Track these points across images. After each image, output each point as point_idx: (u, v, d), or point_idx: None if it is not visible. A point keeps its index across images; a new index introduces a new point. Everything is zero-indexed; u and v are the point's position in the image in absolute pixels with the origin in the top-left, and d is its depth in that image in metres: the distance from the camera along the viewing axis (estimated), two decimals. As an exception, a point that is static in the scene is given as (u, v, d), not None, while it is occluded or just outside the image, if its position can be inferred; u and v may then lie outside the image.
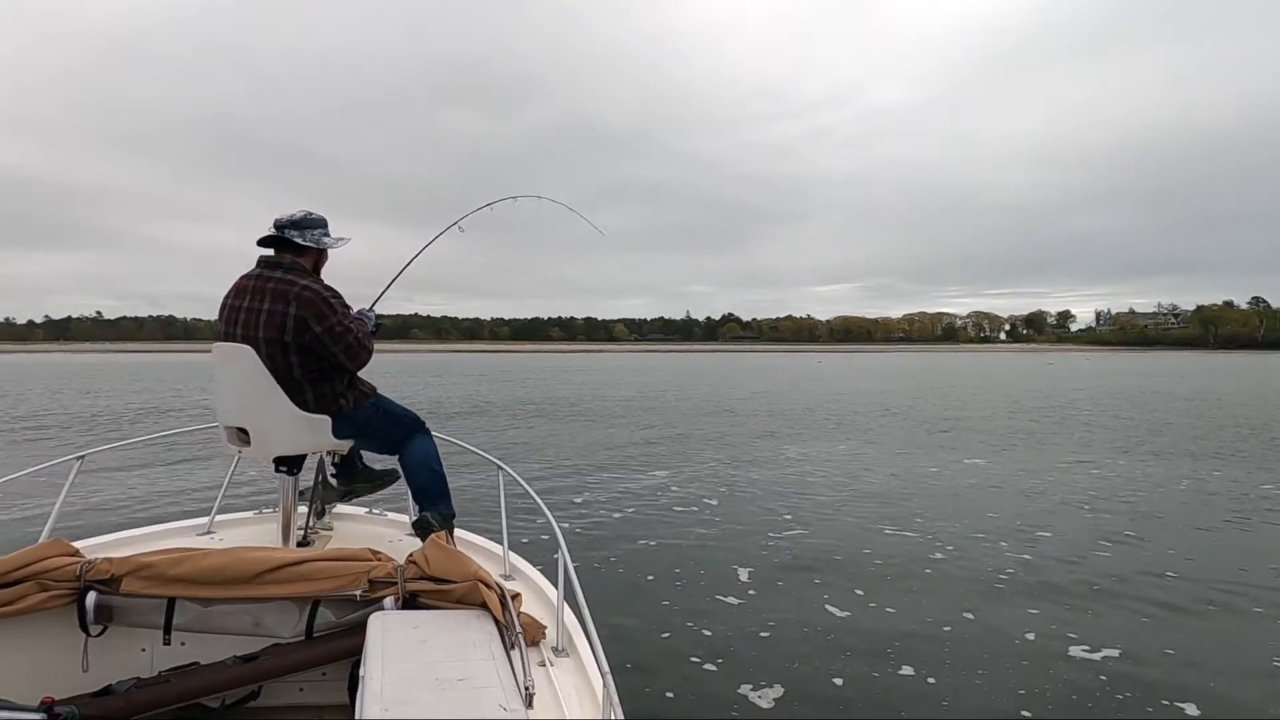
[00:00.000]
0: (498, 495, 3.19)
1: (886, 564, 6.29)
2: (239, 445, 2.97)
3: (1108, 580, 5.81)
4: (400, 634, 1.95)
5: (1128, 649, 4.52)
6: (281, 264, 2.95)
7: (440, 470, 3.15)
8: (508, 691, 1.68)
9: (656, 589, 5.65)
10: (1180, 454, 12.69)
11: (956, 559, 6.44)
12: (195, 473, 11.08)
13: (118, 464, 11.36)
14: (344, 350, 2.92)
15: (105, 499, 9.22)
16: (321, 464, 3.39)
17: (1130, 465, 11.52)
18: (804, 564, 6.29)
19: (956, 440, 14.39)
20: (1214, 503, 8.81)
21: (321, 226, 3.06)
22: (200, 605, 2.24)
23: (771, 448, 13.41)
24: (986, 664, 4.35)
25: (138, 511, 8.50)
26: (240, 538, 3.13)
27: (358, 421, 3.04)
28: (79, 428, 16.66)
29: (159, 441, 13.29)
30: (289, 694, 2.42)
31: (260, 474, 3.37)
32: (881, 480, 10.21)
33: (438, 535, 2.48)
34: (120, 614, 2.24)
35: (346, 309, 3.00)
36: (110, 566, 2.22)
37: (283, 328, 2.84)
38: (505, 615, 2.11)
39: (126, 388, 30.94)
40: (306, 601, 2.26)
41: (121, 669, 2.22)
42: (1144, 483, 10.08)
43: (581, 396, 26.75)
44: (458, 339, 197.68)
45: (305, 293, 2.85)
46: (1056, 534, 7.28)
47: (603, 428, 16.90)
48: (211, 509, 3.37)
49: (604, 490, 9.59)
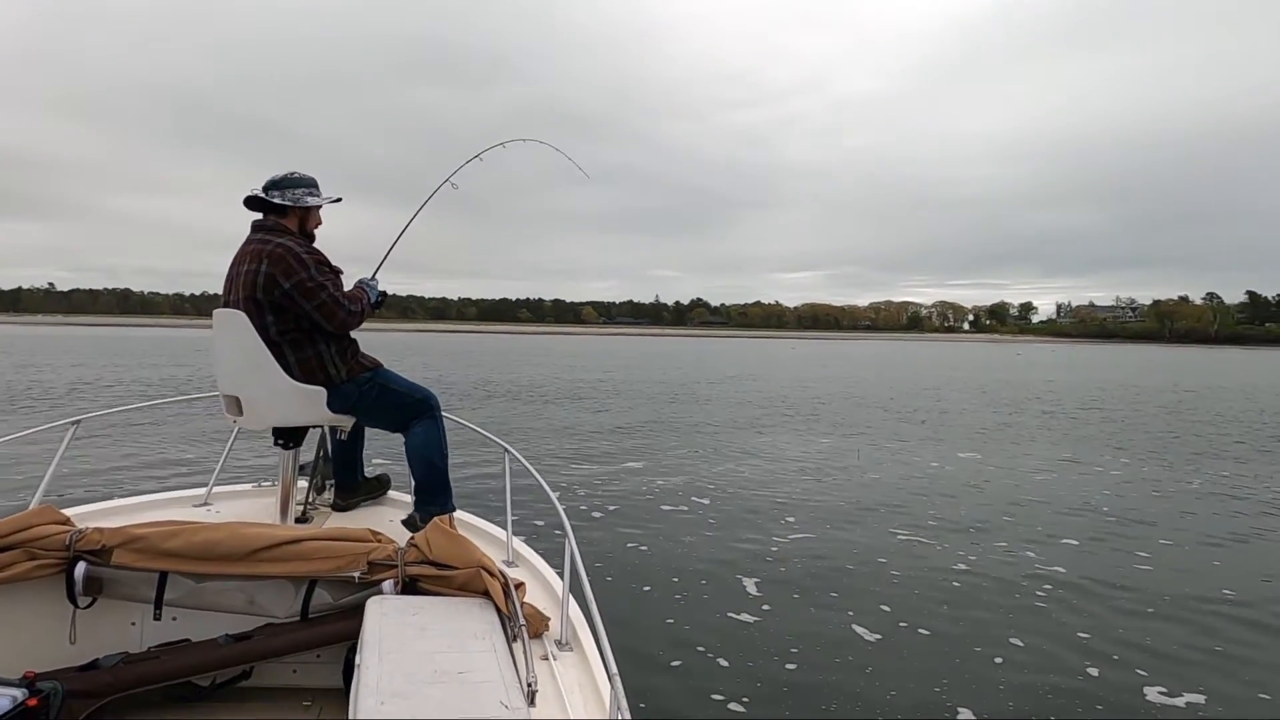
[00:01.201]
0: (502, 478, 3.04)
1: (894, 561, 6.16)
2: (234, 415, 2.90)
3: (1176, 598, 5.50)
4: (399, 620, 1.88)
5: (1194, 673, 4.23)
6: (264, 225, 2.94)
7: (441, 464, 3.00)
8: (509, 687, 1.61)
9: (659, 582, 5.48)
10: (1169, 452, 12.61)
11: (955, 553, 6.38)
12: (194, 442, 10.78)
13: (114, 431, 11.11)
14: (317, 308, 2.84)
15: (100, 467, 8.91)
16: (323, 439, 3.32)
17: (1130, 463, 11.40)
18: (811, 558, 6.14)
19: (945, 433, 14.22)
20: (1230, 505, 8.60)
21: (305, 185, 2.99)
22: (193, 581, 2.17)
23: (772, 438, 13.15)
24: (990, 662, 4.27)
25: (133, 481, 8.22)
26: (237, 511, 3.04)
27: (352, 395, 2.94)
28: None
29: (158, 409, 13.14)
30: (282, 675, 2.35)
31: (264, 446, 3.33)
32: (892, 477, 9.94)
33: (440, 518, 2.36)
34: (110, 586, 2.18)
35: (326, 269, 2.92)
36: (101, 537, 2.16)
37: (254, 284, 2.80)
38: (508, 605, 2.04)
39: (58, 362, 29.25)
40: (303, 581, 2.19)
41: (110, 643, 2.18)
42: (1154, 481, 9.91)
43: (565, 379, 26.27)
44: (424, 318, 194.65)
45: (277, 250, 2.82)
46: (1077, 539, 7.01)
47: (593, 412, 16.56)
48: (209, 480, 3.29)
49: (605, 477, 9.32)
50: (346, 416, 3.02)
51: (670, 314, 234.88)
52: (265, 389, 2.83)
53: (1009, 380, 31.03)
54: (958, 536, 6.88)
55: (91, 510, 2.83)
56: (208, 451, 9.99)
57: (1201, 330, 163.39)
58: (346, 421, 3.07)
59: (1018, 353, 76.61)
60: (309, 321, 2.87)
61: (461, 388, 22.00)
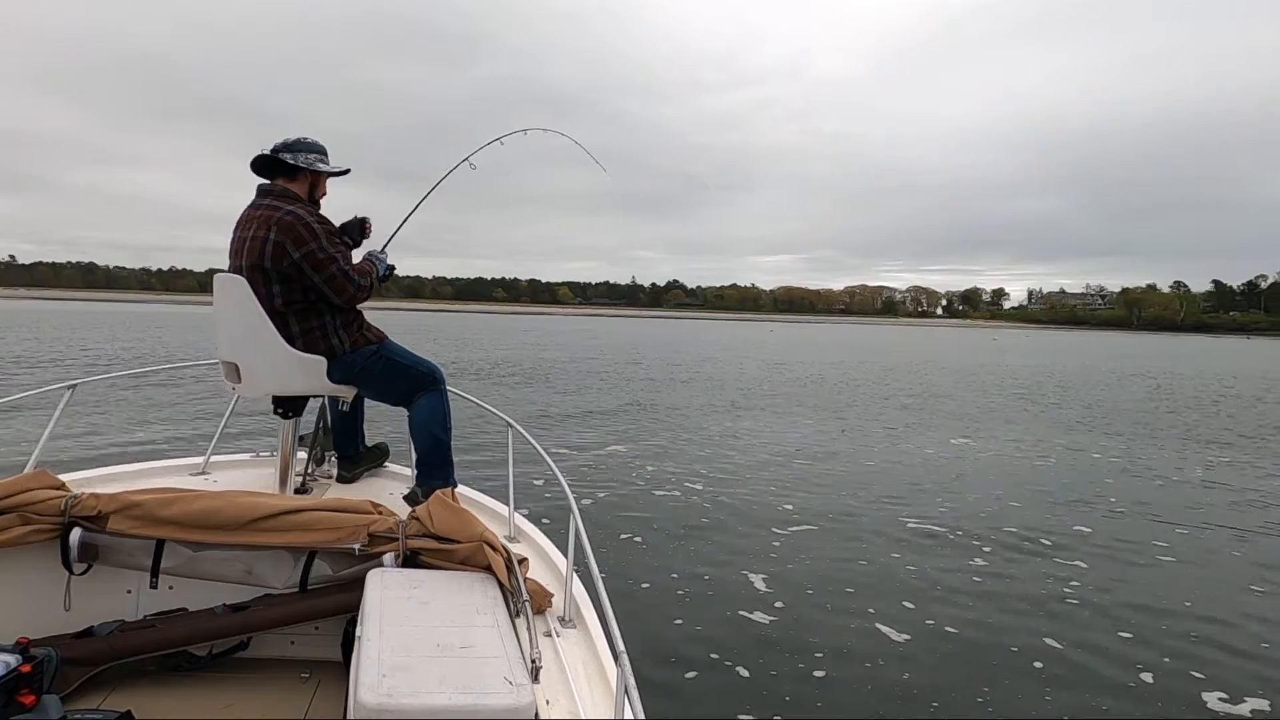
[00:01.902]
0: (504, 453, 3.03)
1: (895, 545, 6.12)
2: (233, 381, 2.84)
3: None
4: (400, 594, 1.84)
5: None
6: (273, 190, 2.84)
7: (444, 437, 2.95)
8: (513, 662, 1.57)
9: (660, 560, 5.42)
10: (1158, 436, 12.42)
11: (954, 528, 6.42)
12: (193, 410, 10.62)
13: (110, 397, 10.90)
14: (326, 280, 2.76)
15: (97, 433, 8.70)
16: (324, 409, 3.28)
17: (1127, 445, 11.24)
18: (813, 542, 6.02)
19: (935, 419, 14.02)
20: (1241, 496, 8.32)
21: (316, 151, 2.91)
22: (190, 549, 2.13)
23: (768, 419, 12.94)
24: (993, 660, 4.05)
25: (130, 448, 7.99)
26: (235, 480, 2.99)
27: (355, 366, 2.88)
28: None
29: (156, 376, 12.76)
30: (279, 647, 2.31)
31: (264, 416, 3.19)
32: (887, 458, 9.80)
33: (443, 491, 2.29)
34: (106, 553, 2.13)
35: (336, 239, 2.84)
36: (97, 503, 2.12)
37: (262, 253, 2.71)
38: (511, 580, 2.00)
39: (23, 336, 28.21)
40: (302, 552, 2.15)
41: (105, 610, 2.16)
42: (1158, 468, 9.74)
43: (552, 358, 25.75)
44: (398, 296, 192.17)
45: (287, 218, 2.72)
46: (1089, 527, 6.80)
47: (592, 392, 16.22)
48: (207, 449, 3.23)
49: (597, 457, 9.21)
50: (347, 387, 2.96)
51: (647, 295, 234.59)
52: (264, 356, 2.76)
53: (990, 365, 31.09)
54: (950, 511, 6.82)
55: (88, 476, 2.76)
56: (206, 420, 9.72)
57: (1169, 318, 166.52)
58: (347, 392, 3.00)
59: (994, 338, 77.49)
60: (315, 293, 2.80)
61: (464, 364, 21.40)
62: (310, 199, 2.93)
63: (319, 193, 2.98)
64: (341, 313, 2.89)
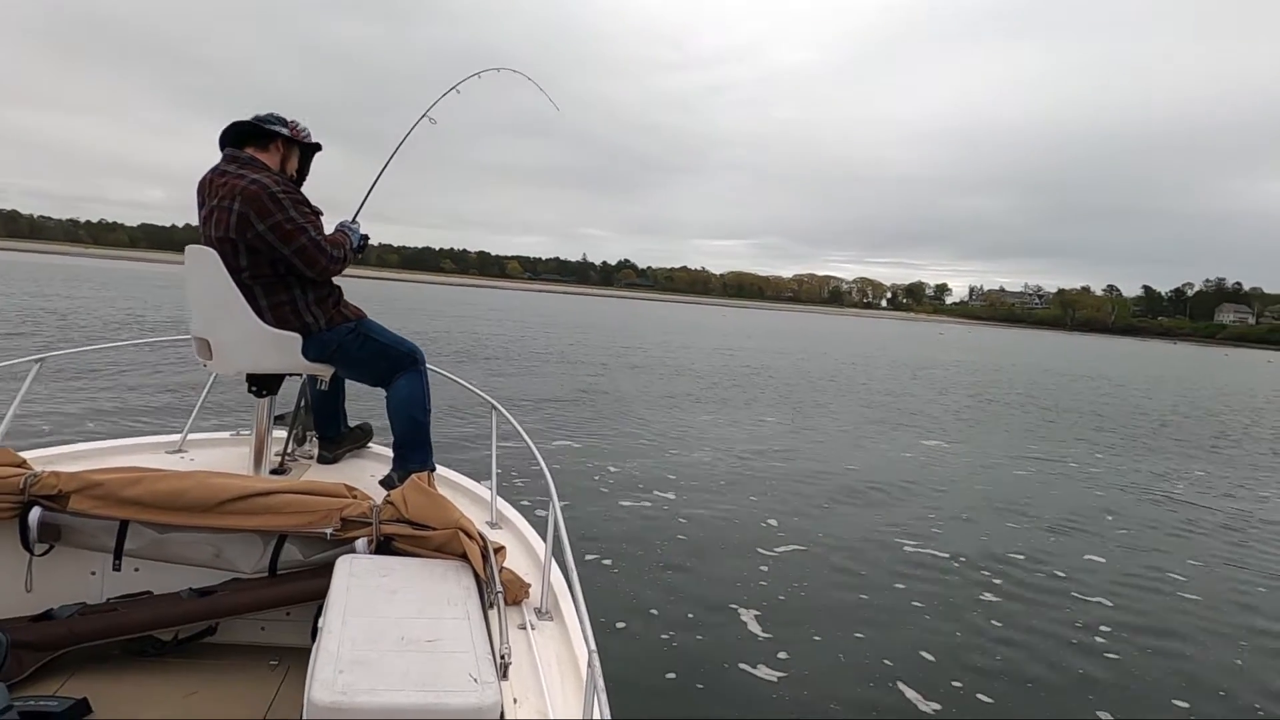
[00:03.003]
0: (488, 436, 2.98)
1: (867, 529, 6.23)
2: (204, 358, 2.76)
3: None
4: (369, 582, 1.79)
5: None
6: (238, 158, 2.70)
7: (423, 419, 2.88)
8: (480, 658, 1.51)
9: (641, 551, 5.38)
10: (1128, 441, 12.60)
11: (936, 536, 6.37)
12: (172, 386, 10.29)
13: (83, 372, 10.42)
14: (297, 252, 2.63)
15: (68, 409, 8.37)
16: (304, 387, 3.20)
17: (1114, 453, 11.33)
18: (792, 536, 5.99)
19: (901, 417, 13.98)
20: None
21: (291, 126, 2.80)
22: (156, 531, 2.07)
23: (745, 410, 12.73)
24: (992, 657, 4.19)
25: (104, 426, 7.74)
26: (212, 459, 2.94)
27: (330, 344, 2.78)
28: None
29: (131, 350, 12.52)
30: (249, 632, 2.25)
31: (246, 392, 2.90)
32: (865, 454, 9.68)
33: (419, 476, 2.21)
34: (68, 534, 2.07)
35: (305, 209, 2.69)
36: (57, 481, 2.05)
37: (228, 224, 2.60)
38: (486, 570, 1.94)
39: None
40: (272, 536, 2.10)
41: (67, 592, 2.10)
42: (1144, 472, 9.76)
43: (512, 336, 25.07)
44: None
45: (251, 187, 2.59)
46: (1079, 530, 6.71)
47: (580, 374, 15.78)
48: (185, 426, 3.13)
49: (590, 442, 9.05)
50: (324, 365, 2.86)
51: (598, 273, 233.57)
52: (236, 332, 2.66)
53: (946, 362, 31.60)
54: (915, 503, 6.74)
55: (54, 454, 2.67)
56: (185, 396, 9.37)
57: (1101, 320, 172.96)
58: (325, 370, 2.91)
59: (940, 332, 79.24)
60: (285, 265, 2.67)
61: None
62: (284, 168, 2.82)
63: (290, 166, 2.86)
64: (315, 287, 2.77)
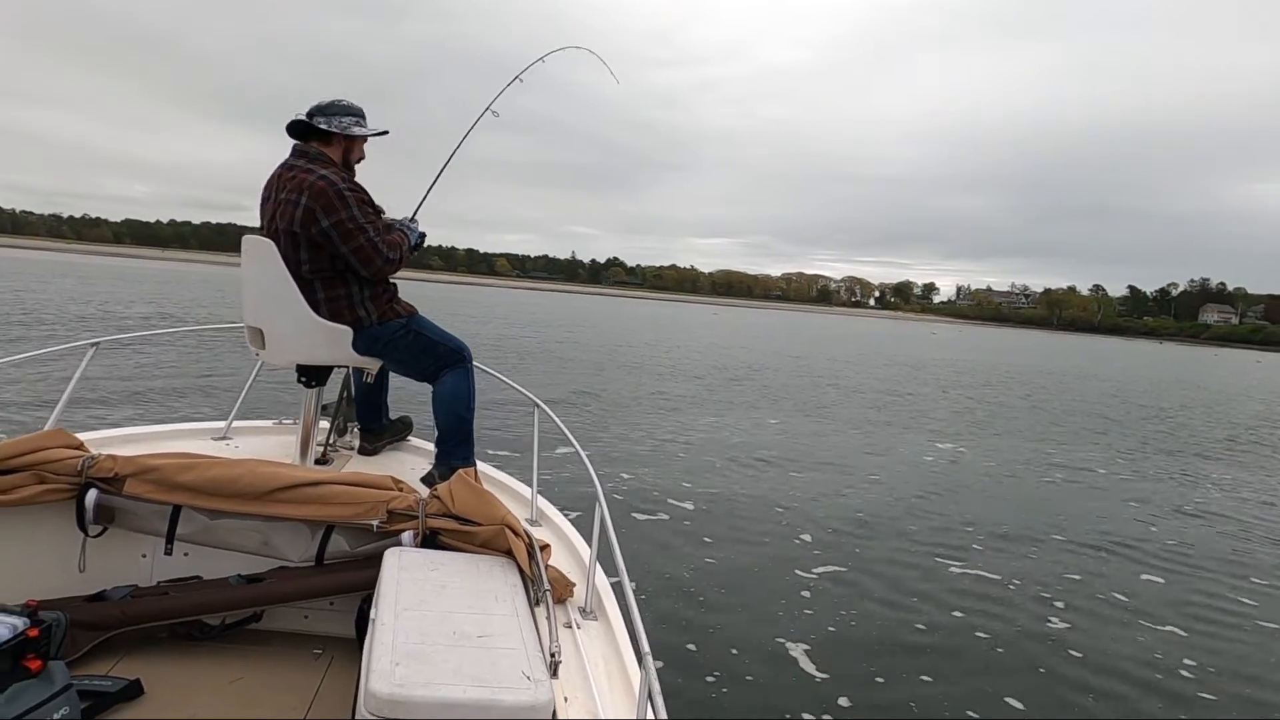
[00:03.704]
0: (530, 434, 3.03)
1: (936, 538, 6.19)
2: (257, 347, 2.80)
3: None
4: (417, 575, 1.80)
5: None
6: (307, 153, 2.77)
7: (467, 416, 2.90)
8: (531, 655, 1.52)
9: (684, 554, 5.34)
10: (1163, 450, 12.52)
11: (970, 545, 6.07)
12: (216, 374, 10.50)
13: (134, 357, 10.68)
14: (355, 251, 2.69)
15: (118, 393, 8.53)
16: (348, 379, 3.23)
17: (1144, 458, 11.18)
18: (840, 547, 5.93)
19: (913, 420, 13.88)
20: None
21: (353, 115, 2.84)
22: (207, 517, 2.11)
23: (789, 417, 12.52)
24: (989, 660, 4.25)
25: (151, 410, 7.92)
26: (257, 447, 2.97)
27: (381, 339, 2.83)
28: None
29: (183, 338, 12.71)
30: (293, 620, 2.26)
31: (289, 382, 2.94)
32: (904, 464, 9.58)
33: (465, 471, 2.25)
34: (122, 516, 2.10)
35: (369, 209, 2.76)
36: (114, 465, 2.08)
37: (293, 218, 2.65)
38: (532, 567, 1.95)
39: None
40: (320, 526, 2.12)
41: (119, 574, 2.14)
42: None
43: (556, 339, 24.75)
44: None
45: (319, 183, 2.65)
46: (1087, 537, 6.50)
47: (608, 376, 15.50)
48: (229, 414, 3.19)
49: (632, 445, 9.04)
50: (372, 359, 2.91)
51: (586, 271, 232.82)
52: (289, 324, 2.70)
53: (946, 361, 31.57)
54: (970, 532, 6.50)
55: (106, 436, 2.72)
56: (230, 384, 9.60)
57: (1087, 320, 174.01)
58: (372, 364, 2.96)
59: (932, 332, 79.51)
60: (343, 261, 2.73)
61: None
62: (345, 164, 2.85)
63: (354, 157, 2.89)
64: (371, 284, 2.82)
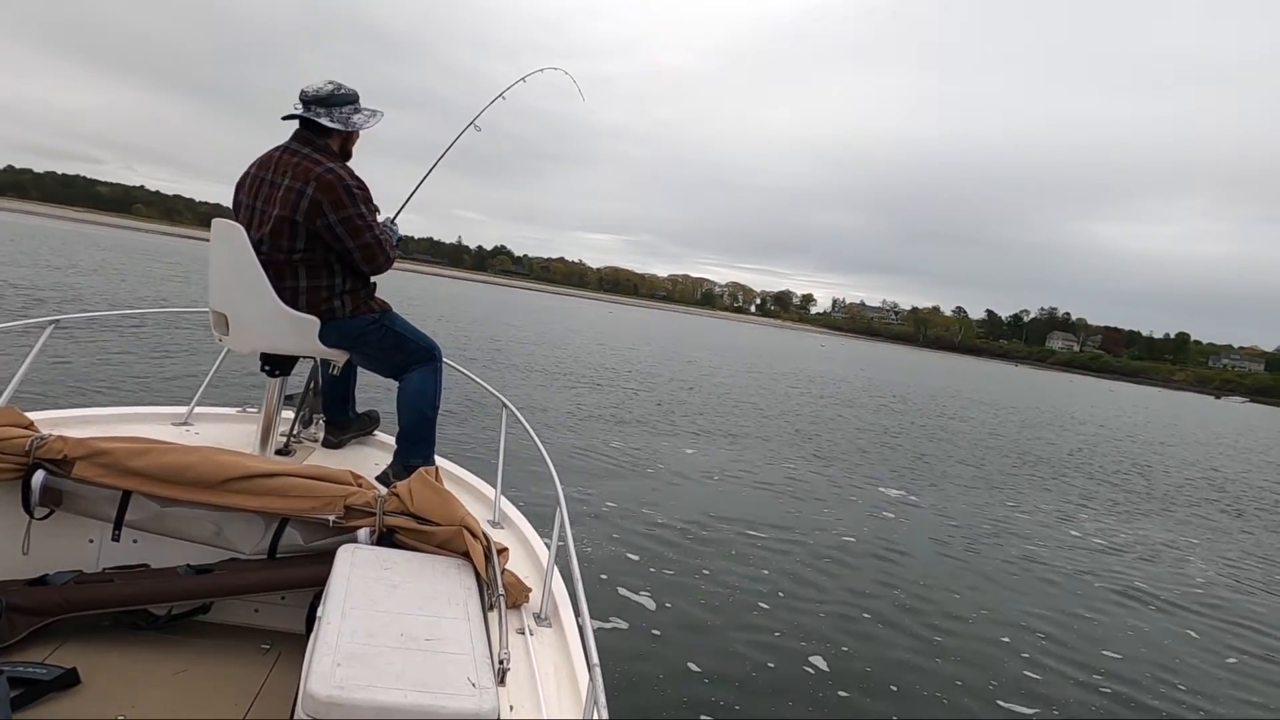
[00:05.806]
0: (496, 433, 3.00)
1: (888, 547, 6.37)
2: (221, 333, 2.73)
3: None
4: (370, 573, 1.75)
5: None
6: (312, 141, 2.72)
7: (431, 415, 2.83)
8: (479, 662, 1.49)
9: (645, 561, 5.35)
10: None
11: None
12: (180, 358, 10.30)
13: (95, 338, 10.37)
14: (360, 248, 2.66)
15: (76, 374, 8.34)
16: (315, 370, 3.16)
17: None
18: (790, 554, 6.02)
19: (813, 446, 13.24)
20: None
21: (351, 103, 2.75)
22: (158, 504, 2.05)
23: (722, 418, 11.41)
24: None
25: (110, 392, 7.82)
26: (217, 434, 2.88)
27: (352, 333, 2.76)
28: None
29: (146, 320, 12.42)
30: (243, 613, 2.21)
31: (256, 369, 2.75)
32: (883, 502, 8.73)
33: (426, 470, 2.14)
34: (69, 500, 2.05)
35: (371, 206, 2.72)
36: (64, 446, 2.02)
37: (296, 206, 2.59)
38: (488, 571, 1.90)
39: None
40: (274, 518, 2.08)
41: (64, 559, 2.09)
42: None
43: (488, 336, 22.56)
44: (193, 223, 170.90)
45: (328, 175, 2.60)
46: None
47: (583, 384, 14.07)
48: (192, 399, 3.09)
49: (599, 448, 8.98)
50: (339, 351, 2.81)
51: (471, 257, 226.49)
52: (255, 310, 2.60)
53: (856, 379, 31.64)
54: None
55: (60, 417, 2.63)
56: (194, 368, 9.30)
57: (948, 339, 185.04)
58: (339, 356, 2.85)
59: (821, 344, 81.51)
60: (336, 254, 2.67)
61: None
62: (343, 151, 2.78)
63: (351, 144, 2.82)
64: (354, 277, 2.75)
